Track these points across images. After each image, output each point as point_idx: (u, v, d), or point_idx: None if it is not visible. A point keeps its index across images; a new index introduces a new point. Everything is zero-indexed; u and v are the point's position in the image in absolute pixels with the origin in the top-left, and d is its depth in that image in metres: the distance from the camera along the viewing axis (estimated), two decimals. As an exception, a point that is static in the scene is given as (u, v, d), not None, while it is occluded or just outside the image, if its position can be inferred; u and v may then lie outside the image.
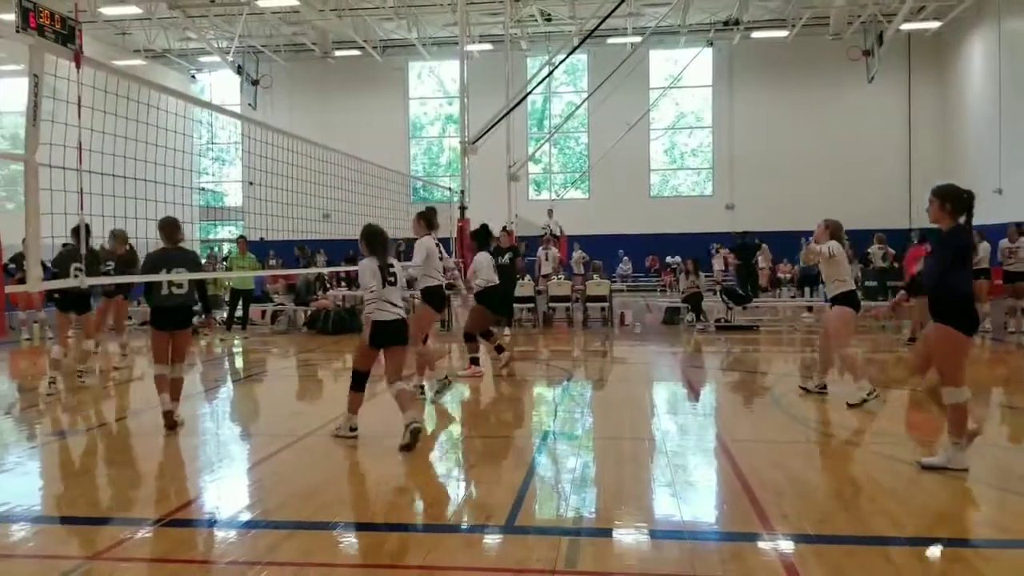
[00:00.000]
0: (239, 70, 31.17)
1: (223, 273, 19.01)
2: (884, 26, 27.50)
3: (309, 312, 16.84)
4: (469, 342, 10.31)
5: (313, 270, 17.42)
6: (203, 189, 33.65)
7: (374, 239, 6.68)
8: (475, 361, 10.22)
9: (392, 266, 6.73)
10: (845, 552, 4.13)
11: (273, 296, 19.00)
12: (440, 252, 8.94)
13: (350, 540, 4.48)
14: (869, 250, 18.44)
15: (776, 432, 7.12)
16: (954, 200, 5.67)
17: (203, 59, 31.73)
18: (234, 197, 33.14)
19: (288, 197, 9.11)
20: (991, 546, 4.21)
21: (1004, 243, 13.71)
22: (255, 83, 31.98)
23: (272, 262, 20.97)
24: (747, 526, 4.54)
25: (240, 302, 16.67)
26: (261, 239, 10.60)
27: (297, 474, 5.83)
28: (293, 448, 6.65)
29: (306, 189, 9.59)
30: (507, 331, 15.50)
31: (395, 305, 6.66)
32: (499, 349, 10.46)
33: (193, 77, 33.68)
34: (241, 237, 16.87)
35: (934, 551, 4.17)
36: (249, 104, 31.82)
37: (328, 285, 19.20)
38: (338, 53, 30.72)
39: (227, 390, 10.16)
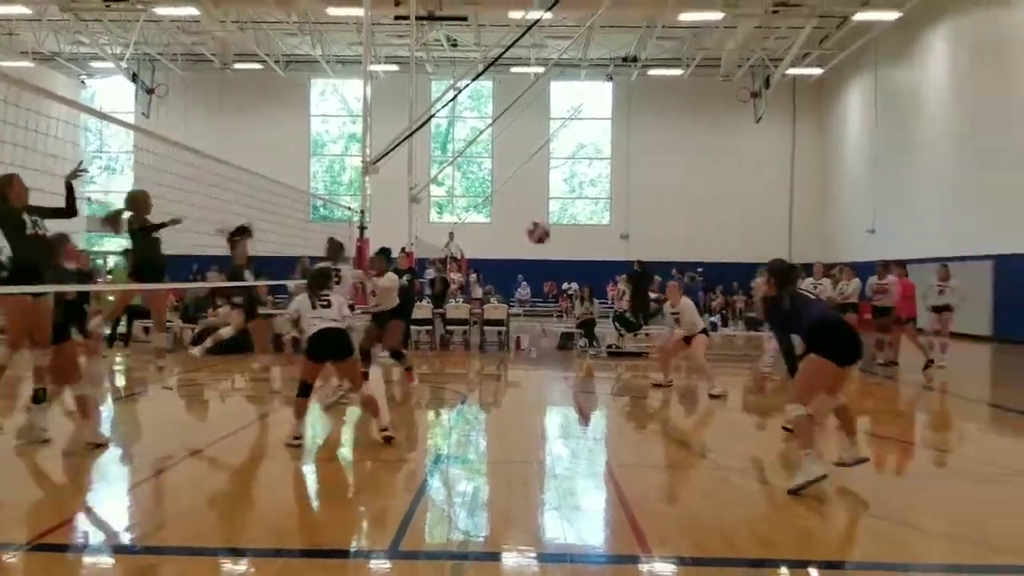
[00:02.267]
0: (133, 77, 30.13)
1: (106, 286, 18.22)
2: (771, 70, 28.98)
3: (196, 330, 16.32)
4: (399, 358, 10.74)
5: (203, 284, 16.92)
6: (90, 199, 32.24)
7: (313, 279, 7.63)
8: (410, 369, 10.74)
9: (326, 294, 7.49)
10: (719, 574, 4.30)
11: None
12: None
13: (229, 565, 4.39)
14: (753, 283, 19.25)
15: (660, 457, 7.35)
16: (777, 275, 6.31)
17: (95, 64, 30.55)
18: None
19: (180, 210, 8.86)
20: (858, 568, 4.47)
21: (873, 280, 14.55)
22: (150, 92, 31.00)
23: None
24: (627, 549, 4.67)
25: (123, 318, 16.01)
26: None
27: (176, 497, 5.66)
28: (173, 470, 6.45)
29: (200, 203, 9.35)
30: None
31: (331, 319, 7.25)
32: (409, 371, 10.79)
33: (83, 83, 32.37)
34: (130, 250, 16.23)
35: (803, 573, 4.39)
36: (143, 113, 30.79)
37: (219, 303, 18.65)
38: (238, 65, 30.10)
39: (105, 409, 9.74)
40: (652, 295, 18.07)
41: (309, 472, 6.53)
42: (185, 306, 17.09)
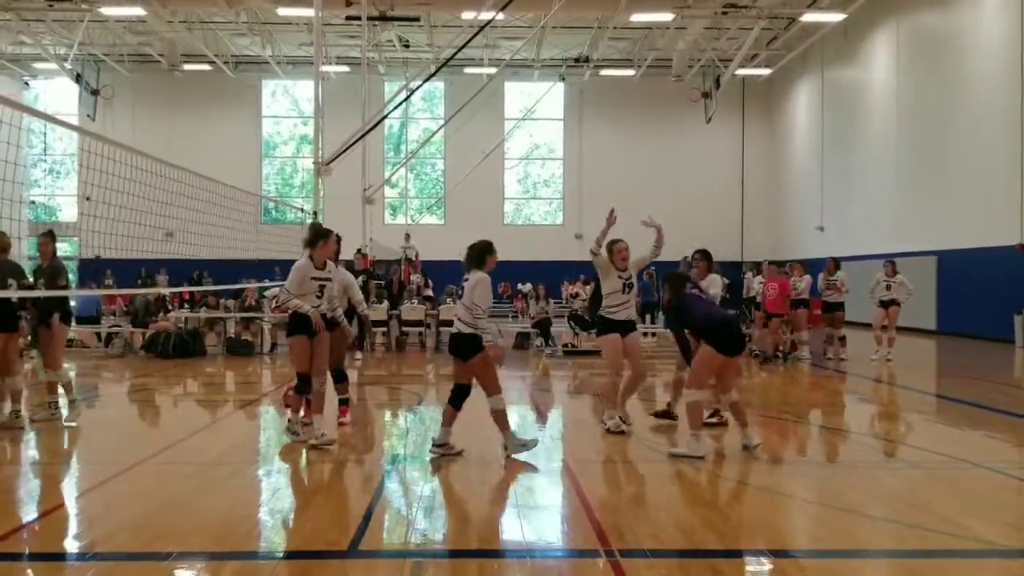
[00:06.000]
0: (78, 79, 29.45)
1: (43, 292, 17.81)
2: (721, 71, 29.39)
3: (147, 334, 16.05)
4: (339, 379, 8.42)
5: (153, 290, 16.64)
6: (33, 202, 31.46)
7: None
8: (346, 403, 8.60)
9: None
10: (676, 565, 4.37)
11: (108, 316, 17.99)
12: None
13: (183, 571, 4.33)
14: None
15: (617, 453, 7.42)
16: (672, 282, 7.48)
17: (38, 65, 29.81)
18: (68, 212, 31.18)
19: (128, 215, 8.72)
20: (807, 556, 4.56)
21: (822, 276, 14.86)
22: (95, 93, 30.33)
23: (108, 281, 19.84)
24: (587, 544, 4.72)
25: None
26: (97, 257, 10.04)
27: (127, 504, 5.57)
28: (123, 476, 6.34)
29: (148, 207, 9.21)
30: (359, 355, 15.36)
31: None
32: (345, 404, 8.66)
33: (26, 84, 31.55)
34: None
35: (755, 561, 4.48)
36: (88, 115, 30.09)
37: (170, 306, 18.36)
38: (187, 66, 29.58)
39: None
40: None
41: (265, 476, 6.47)
42: (135, 311, 16.78)
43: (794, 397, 11.11)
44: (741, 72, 29.24)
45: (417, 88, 18.88)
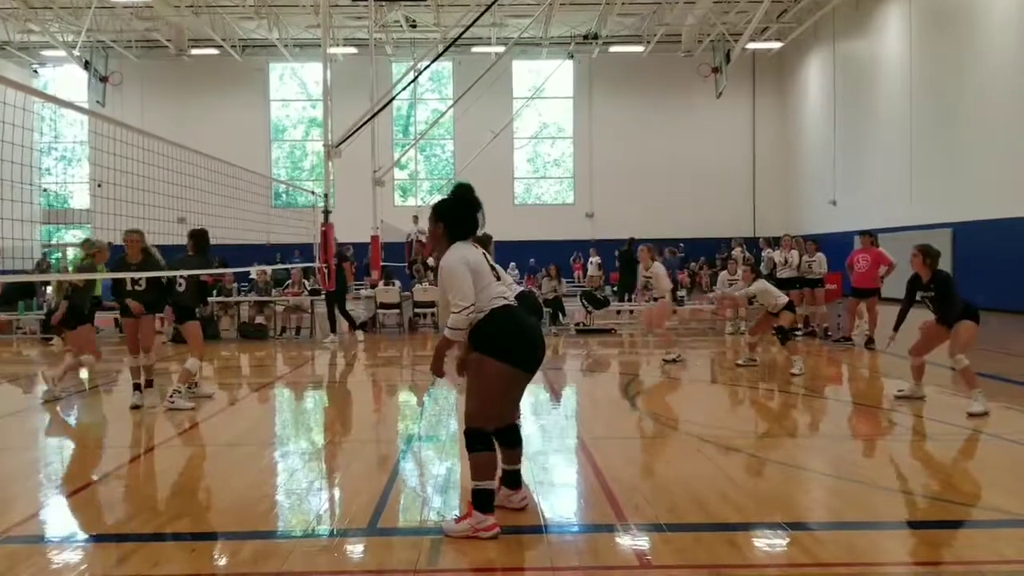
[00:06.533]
0: (86, 66, 29.47)
1: (71, 275, 17.90)
2: (731, 45, 29.12)
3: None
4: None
5: (169, 272, 16.69)
6: (46, 190, 31.58)
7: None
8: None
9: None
10: (692, 538, 4.37)
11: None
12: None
13: (203, 550, 4.36)
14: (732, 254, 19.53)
15: (631, 429, 7.43)
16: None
17: (46, 53, 29.86)
18: (80, 199, 31.30)
19: (141, 198, 8.71)
20: (823, 528, 4.56)
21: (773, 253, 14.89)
22: (104, 80, 30.35)
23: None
24: (603, 519, 4.72)
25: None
26: (110, 243, 10.07)
27: (146, 486, 5.62)
28: (142, 459, 6.39)
29: (160, 190, 9.20)
30: (361, 335, 15.38)
31: None
32: None
33: (35, 72, 31.62)
34: (87, 240, 15.96)
35: (772, 534, 4.47)
36: (98, 101, 30.16)
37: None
38: (194, 51, 29.58)
39: (73, 401, 9.60)
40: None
41: (281, 457, 6.51)
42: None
43: (809, 371, 11.07)
44: (751, 46, 28.98)
45: (425, 68, 18.80)
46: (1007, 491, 5.15)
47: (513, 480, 4.80)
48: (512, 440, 4.77)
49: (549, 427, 7.57)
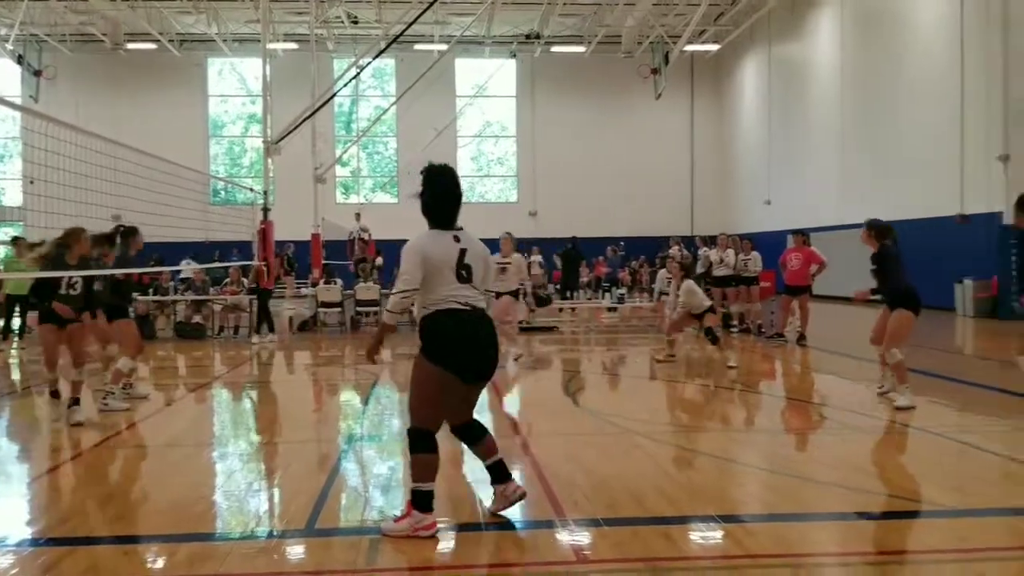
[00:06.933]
0: (19, 60, 28.53)
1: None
2: (670, 47, 29.55)
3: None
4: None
5: (103, 271, 16.26)
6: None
7: None
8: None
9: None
10: (630, 532, 4.46)
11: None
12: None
13: (136, 553, 4.31)
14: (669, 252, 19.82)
15: (571, 426, 7.52)
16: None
17: (-25, 45, 28.78)
18: (12, 196, 30.29)
19: (75, 195, 8.49)
20: (756, 520, 4.69)
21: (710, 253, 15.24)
22: (37, 74, 29.45)
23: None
24: (542, 515, 4.78)
25: (16, 309, 15.27)
26: (42, 241, 9.78)
27: (80, 488, 5.50)
28: (76, 461, 6.25)
29: (95, 187, 8.98)
30: (270, 336, 14.99)
31: None
32: None
33: (-36, 65, 30.46)
34: (17, 238, 15.48)
35: (706, 527, 4.59)
36: (31, 96, 29.27)
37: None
38: (131, 46, 28.80)
39: (4, 403, 9.33)
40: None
41: (219, 457, 6.44)
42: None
43: (743, 367, 11.34)
44: (689, 48, 29.41)
45: (367, 65, 18.71)
46: (932, 483, 5.37)
47: (498, 473, 4.67)
48: (472, 436, 4.70)
49: (491, 424, 7.61)
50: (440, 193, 4.62)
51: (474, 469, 5.78)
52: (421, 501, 4.35)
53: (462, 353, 4.32)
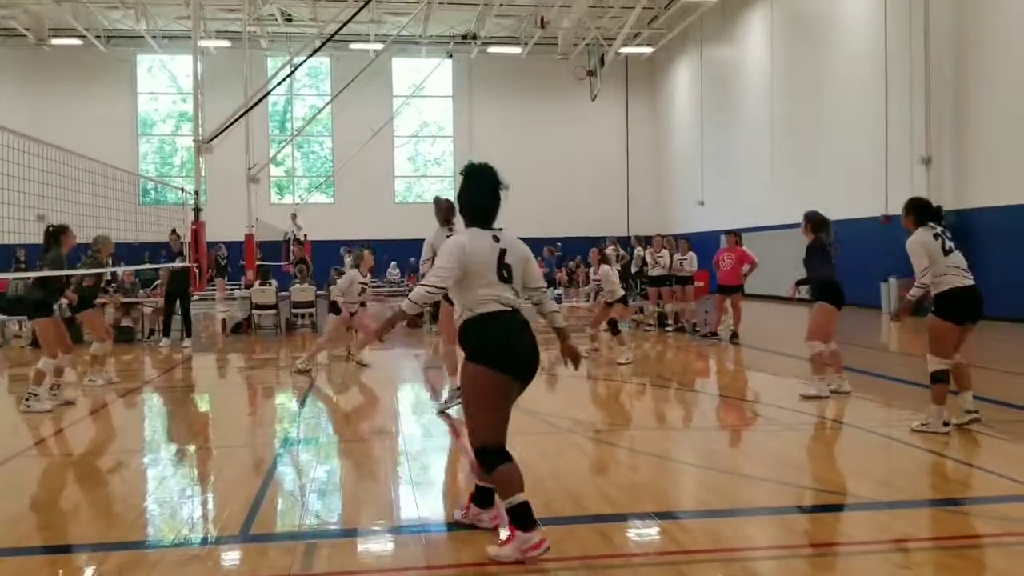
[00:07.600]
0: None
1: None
2: (606, 49, 29.82)
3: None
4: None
5: (27, 274, 15.72)
6: None
7: None
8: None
9: None
10: (566, 531, 4.49)
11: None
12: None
13: (64, 562, 4.18)
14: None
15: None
16: None
17: None
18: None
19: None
20: (690, 517, 4.77)
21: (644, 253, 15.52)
22: (-47, 69, 28.24)
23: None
24: (479, 515, 4.79)
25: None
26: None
27: (3, 498, 5.31)
28: (0, 470, 6.04)
29: (17, 187, 8.67)
30: (187, 342, 14.60)
31: None
32: None
33: None
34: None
35: (642, 524, 4.65)
36: (-53, 92, 28.03)
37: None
38: (55, 41, 27.84)
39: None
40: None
41: (150, 464, 6.28)
42: (10, 299, 15.78)
43: (679, 365, 11.54)
44: (624, 50, 29.75)
45: (301, 63, 18.47)
46: (860, 477, 5.54)
47: (485, 497, 4.51)
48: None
49: (429, 426, 7.60)
50: (481, 192, 4.55)
51: (412, 471, 5.76)
52: (519, 518, 4.04)
53: (509, 350, 4.15)
